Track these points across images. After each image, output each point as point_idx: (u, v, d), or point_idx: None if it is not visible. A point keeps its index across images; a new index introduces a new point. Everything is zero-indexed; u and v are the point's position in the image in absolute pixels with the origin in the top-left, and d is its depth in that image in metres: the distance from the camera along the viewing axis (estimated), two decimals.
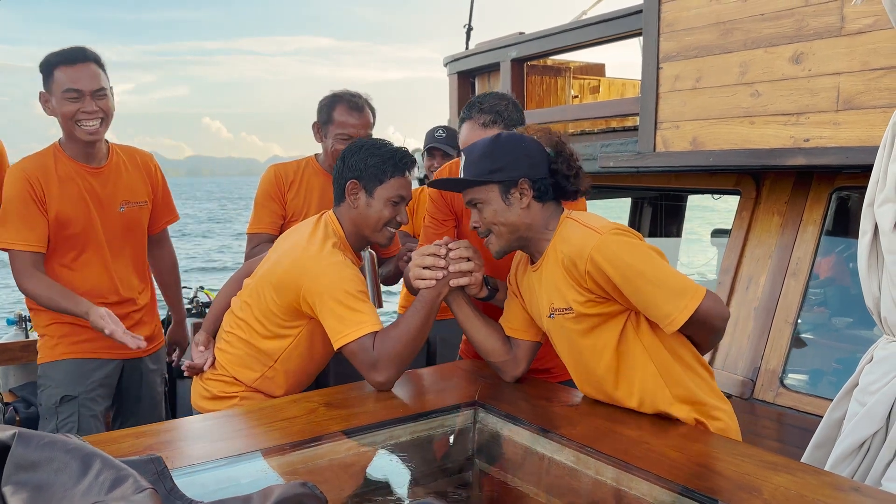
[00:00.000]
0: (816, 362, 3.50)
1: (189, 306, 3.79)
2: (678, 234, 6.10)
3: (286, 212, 2.71)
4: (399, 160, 2.09)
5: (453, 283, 1.88)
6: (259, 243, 2.67)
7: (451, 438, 1.66)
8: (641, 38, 3.64)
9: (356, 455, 1.46)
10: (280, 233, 2.64)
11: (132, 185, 2.60)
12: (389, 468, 1.51)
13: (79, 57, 2.37)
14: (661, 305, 1.54)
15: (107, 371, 2.54)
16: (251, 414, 1.61)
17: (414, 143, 5.19)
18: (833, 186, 3.33)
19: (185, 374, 2.14)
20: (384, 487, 1.49)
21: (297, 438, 1.39)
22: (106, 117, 2.43)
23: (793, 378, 3.37)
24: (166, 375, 2.88)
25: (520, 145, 1.74)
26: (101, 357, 2.52)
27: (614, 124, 4.67)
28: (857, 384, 2.20)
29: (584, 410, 1.57)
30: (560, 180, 1.75)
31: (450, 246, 1.92)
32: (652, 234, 5.89)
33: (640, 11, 3.63)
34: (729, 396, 3.37)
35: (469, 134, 2.14)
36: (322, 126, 2.69)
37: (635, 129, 3.79)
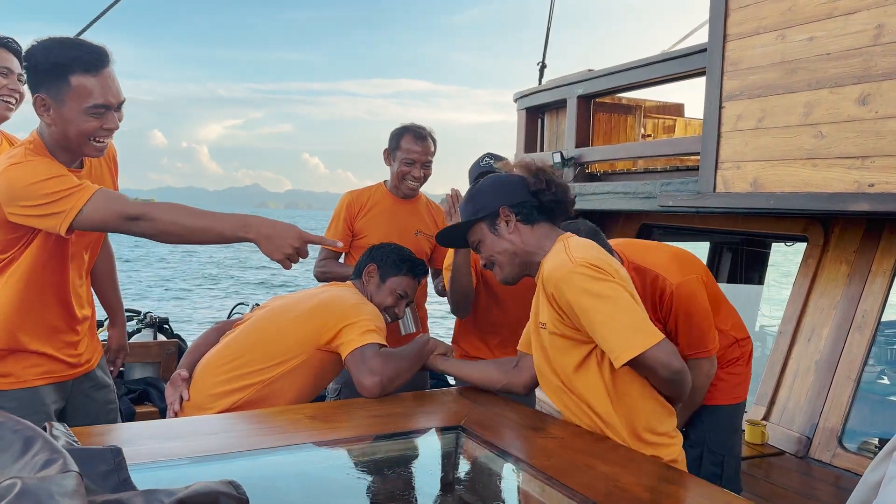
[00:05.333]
0: (884, 423, 3.25)
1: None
2: (760, 282, 5.82)
3: (354, 232, 3.07)
4: (416, 265, 2.47)
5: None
6: (326, 257, 3.08)
7: (428, 460, 1.65)
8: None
9: (323, 468, 1.48)
10: (347, 250, 3.08)
11: (103, 185, 2.16)
12: (355, 484, 1.50)
13: (102, 60, 1.94)
14: (609, 339, 1.59)
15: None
16: (234, 419, 1.66)
17: None
18: None
19: (169, 414, 2.15)
20: (345, 501, 1.49)
21: (269, 446, 1.42)
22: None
23: (854, 439, 3.14)
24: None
25: (495, 182, 1.86)
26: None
27: (689, 164, 4.56)
28: None
29: (566, 443, 1.52)
30: (543, 199, 1.80)
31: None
32: (731, 281, 5.65)
33: (706, 50, 3.55)
34: (782, 453, 3.18)
35: None
36: (391, 152, 3.06)
37: (697, 168, 3.68)
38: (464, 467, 1.62)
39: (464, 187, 2.58)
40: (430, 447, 1.67)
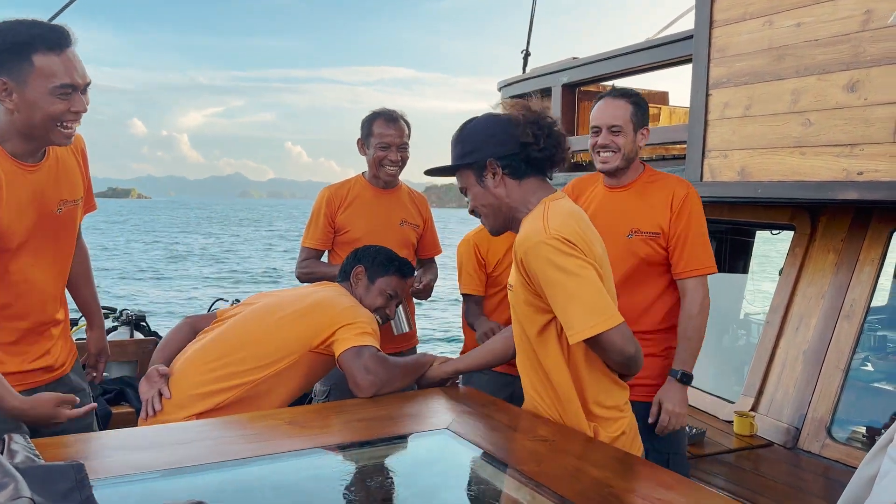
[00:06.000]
0: (873, 413, 3.23)
1: None
2: (745, 271, 5.82)
3: (336, 227, 2.96)
4: (403, 265, 2.45)
5: None
6: (308, 257, 2.97)
7: (412, 468, 1.58)
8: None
9: (301, 478, 1.41)
10: (330, 247, 3.00)
11: (71, 178, 2.09)
12: (336, 496, 1.42)
13: (65, 39, 1.84)
14: (569, 316, 1.58)
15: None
16: (209, 426, 1.58)
17: None
18: (894, 225, 3.10)
19: (147, 416, 2.03)
20: None
21: (245, 455, 1.34)
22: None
23: (843, 429, 3.12)
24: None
25: (485, 127, 1.77)
26: None
27: (675, 152, 4.51)
28: (893, 439, 2.00)
29: (556, 446, 1.47)
30: (531, 153, 1.72)
31: None
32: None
33: (692, 37, 3.50)
34: (770, 444, 3.15)
35: (599, 105, 2.48)
36: (364, 140, 2.96)
37: (684, 157, 3.64)
38: (451, 474, 1.55)
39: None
40: (414, 453, 1.60)
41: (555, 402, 1.70)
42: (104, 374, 2.56)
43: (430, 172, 1.95)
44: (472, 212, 1.83)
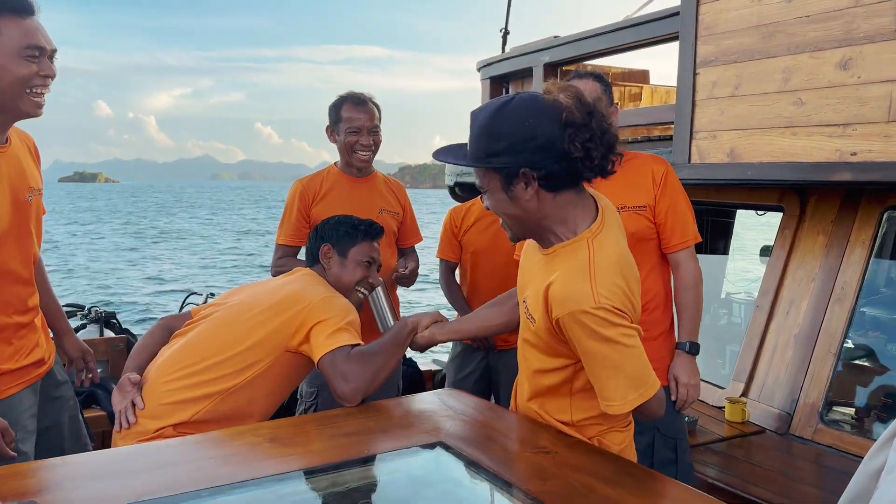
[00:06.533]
0: (864, 396, 3.20)
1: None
2: (725, 252, 5.79)
3: (312, 221, 2.82)
4: (367, 227, 2.31)
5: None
6: (284, 255, 2.87)
7: (401, 489, 1.46)
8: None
9: None
10: (306, 243, 2.82)
11: (32, 169, 2.03)
12: None
13: (29, 5, 1.80)
14: (609, 388, 1.43)
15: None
16: (183, 446, 1.45)
17: None
18: (885, 206, 3.04)
19: (122, 427, 1.90)
20: None
21: (222, 482, 1.22)
22: None
23: (835, 413, 3.08)
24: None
25: (525, 121, 1.39)
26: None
27: (658, 133, 4.42)
28: None
29: (561, 460, 1.37)
30: (578, 166, 1.40)
31: None
32: (699, 251, 5.58)
33: (678, 13, 3.39)
34: (763, 431, 3.11)
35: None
36: (333, 126, 2.87)
37: (671, 138, 3.55)
38: (448, 497, 1.44)
39: (427, 154, 2.39)
40: (406, 471, 1.47)
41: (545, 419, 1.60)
42: (71, 375, 2.43)
43: (441, 158, 1.59)
44: (489, 209, 1.57)
